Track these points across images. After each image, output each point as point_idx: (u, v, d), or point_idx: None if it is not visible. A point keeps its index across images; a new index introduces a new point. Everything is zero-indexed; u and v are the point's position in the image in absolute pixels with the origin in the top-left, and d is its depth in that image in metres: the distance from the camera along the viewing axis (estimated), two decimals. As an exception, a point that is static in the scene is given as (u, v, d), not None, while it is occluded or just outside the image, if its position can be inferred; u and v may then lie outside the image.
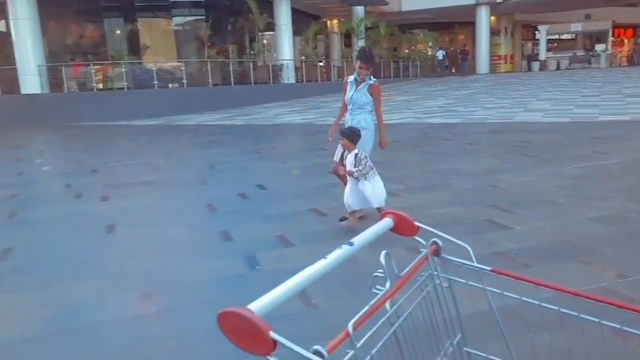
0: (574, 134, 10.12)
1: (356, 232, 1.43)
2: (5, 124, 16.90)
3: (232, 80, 21.02)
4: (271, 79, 22.38)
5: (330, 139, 5.60)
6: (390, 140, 5.75)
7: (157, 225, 5.52)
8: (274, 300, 0.99)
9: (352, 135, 4.75)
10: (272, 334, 0.89)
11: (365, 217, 5.06)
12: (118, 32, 23.07)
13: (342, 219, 5.02)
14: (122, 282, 3.96)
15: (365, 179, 4.70)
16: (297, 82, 23.15)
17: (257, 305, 0.95)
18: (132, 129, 15.77)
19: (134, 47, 21.26)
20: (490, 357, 1.53)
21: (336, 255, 1.20)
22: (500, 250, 4.14)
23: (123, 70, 18.92)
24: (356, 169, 4.69)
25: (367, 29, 27.49)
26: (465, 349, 1.55)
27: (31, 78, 17.74)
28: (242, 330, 0.90)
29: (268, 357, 0.91)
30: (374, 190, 4.73)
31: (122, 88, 19.00)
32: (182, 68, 20.71)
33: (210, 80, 20.42)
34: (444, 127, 12.37)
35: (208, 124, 16.10)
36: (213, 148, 11.32)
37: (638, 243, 4.24)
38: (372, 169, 4.79)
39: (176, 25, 24.33)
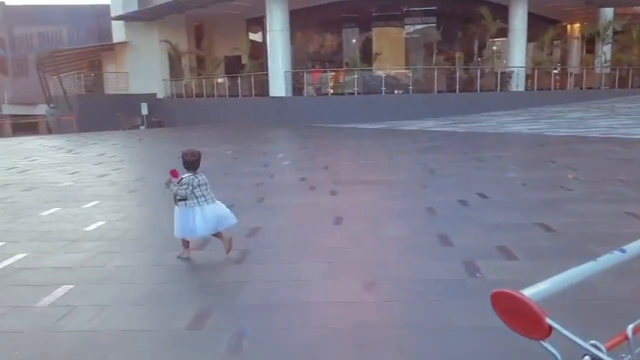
0: None
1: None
2: (257, 121, 19.50)
3: (457, 87, 20.78)
4: (498, 86, 21.47)
5: None
6: (639, 158, 5.09)
7: (379, 221, 5.85)
8: (550, 288, 0.99)
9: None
10: (549, 320, 0.90)
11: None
12: (353, 40, 24.69)
13: None
14: (346, 269, 4.33)
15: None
16: (526, 90, 21.76)
17: (533, 291, 0.96)
18: (358, 131, 16.78)
19: (367, 55, 22.48)
20: None
21: (605, 259, 1.17)
22: None
23: (355, 76, 20.20)
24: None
25: (615, 32, 24.41)
26: None
27: (279, 83, 20.15)
28: (515, 312, 0.92)
29: (541, 341, 0.93)
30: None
31: (352, 93, 20.30)
32: (409, 75, 21.21)
33: (435, 87, 20.51)
34: None
35: (429, 129, 16.24)
36: (434, 153, 11.40)
37: None
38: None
39: (407, 33, 25.00)
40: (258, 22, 23.86)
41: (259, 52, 23.50)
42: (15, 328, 3.38)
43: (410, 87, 20.56)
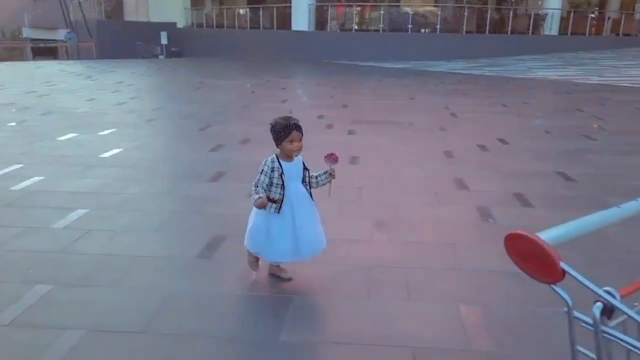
0: None
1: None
2: (278, 54, 19.13)
3: (487, 28, 19.99)
4: (530, 29, 20.60)
5: None
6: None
7: (396, 163, 5.77)
8: (567, 232, 0.96)
9: None
10: (563, 264, 0.88)
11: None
12: (381, -26, 23.68)
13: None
14: (359, 209, 4.30)
15: None
16: (559, 34, 20.87)
17: (548, 234, 0.93)
18: (382, 70, 16.38)
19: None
20: None
21: (630, 206, 1.12)
22: None
23: (381, 12, 19.51)
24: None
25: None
26: None
27: (302, 16, 19.58)
28: (529, 255, 0.90)
29: (553, 286, 0.91)
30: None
31: (378, 30, 19.68)
32: (438, 13, 20.42)
33: (464, 27, 19.76)
34: None
35: (455, 72, 15.78)
36: (458, 96, 11.11)
37: None
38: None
39: (438, -32, 23.87)
40: (283, -49, 22.98)
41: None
42: (30, 247, 3.45)
43: (438, 27, 19.86)
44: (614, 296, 0.88)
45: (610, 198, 4.35)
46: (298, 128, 2.86)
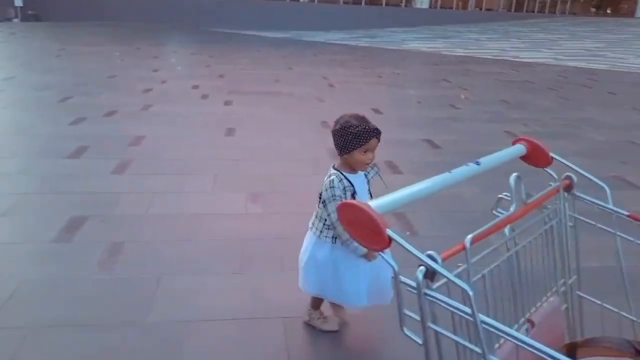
0: None
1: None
2: (151, 20, 18.01)
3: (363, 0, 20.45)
4: (404, 2, 21.44)
5: None
6: (524, 80, 5.33)
7: (273, 134, 5.72)
8: (394, 202, 0.99)
9: None
10: (389, 232, 0.90)
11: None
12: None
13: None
14: (234, 182, 4.21)
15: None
16: (430, 7, 21.97)
17: (377, 203, 0.95)
18: (260, 39, 16.12)
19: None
20: (605, 305, 1.43)
21: (461, 171, 1.16)
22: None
23: (258, -21, 19.11)
24: None
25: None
26: (578, 292, 1.47)
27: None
28: (360, 223, 0.92)
29: (381, 253, 0.93)
30: None
31: (256, -2, 19.29)
32: (315, -18, 20.46)
33: (341, -3, 20.02)
34: (585, 72, 11.22)
35: (333, 42, 15.99)
36: (335, 67, 11.28)
37: None
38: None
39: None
40: None
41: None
42: None
43: (316, -4, 19.92)
44: (436, 260, 0.89)
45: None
46: (379, 134, 2.16)
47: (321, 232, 2.24)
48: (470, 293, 0.86)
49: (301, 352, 2.28)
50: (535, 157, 1.38)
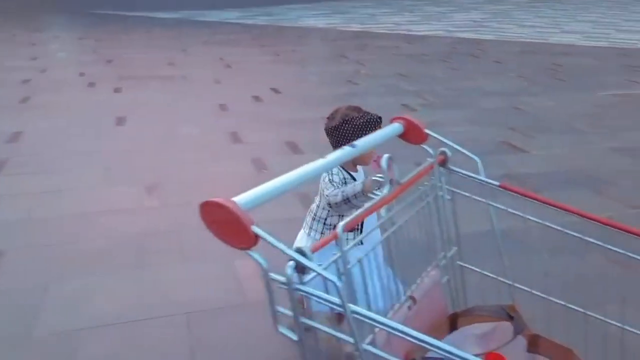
0: (611, 61, 9.58)
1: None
2: (29, 4, 16.49)
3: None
4: (298, -22, 21.27)
5: None
6: (418, 53, 5.46)
7: (168, 121, 5.46)
8: (261, 196, 0.93)
9: None
10: (255, 228, 0.84)
11: None
12: None
13: None
14: (127, 175, 3.97)
15: None
16: (325, -17, 21.99)
17: (242, 199, 0.89)
18: (151, 21, 15.32)
19: None
20: (484, 272, 1.49)
21: (336, 155, 1.12)
22: (512, 173, 4.03)
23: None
24: None
25: None
26: (458, 262, 1.51)
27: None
28: (224, 222, 0.85)
29: (249, 252, 0.86)
30: None
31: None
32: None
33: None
34: (473, 42, 11.80)
35: (229, 21, 15.56)
36: (231, 47, 10.98)
37: (658, 178, 4.09)
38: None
39: None
40: None
41: None
42: None
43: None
44: (304, 254, 0.85)
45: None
46: (381, 122, 1.95)
47: (311, 228, 2.09)
48: (339, 284, 0.83)
49: (206, 347, 2.20)
50: (412, 135, 1.38)
